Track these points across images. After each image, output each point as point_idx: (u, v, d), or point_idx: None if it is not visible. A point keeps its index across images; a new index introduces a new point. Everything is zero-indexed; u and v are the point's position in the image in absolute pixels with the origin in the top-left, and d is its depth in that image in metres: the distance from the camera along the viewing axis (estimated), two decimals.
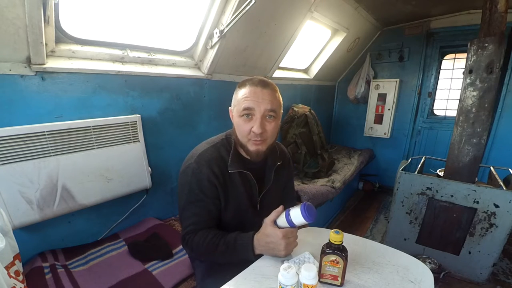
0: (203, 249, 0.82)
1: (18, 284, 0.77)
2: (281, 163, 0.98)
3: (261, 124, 0.80)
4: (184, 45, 1.67)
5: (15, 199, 1.03)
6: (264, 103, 0.80)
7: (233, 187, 0.89)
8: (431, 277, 0.74)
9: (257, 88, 0.81)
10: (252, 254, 0.77)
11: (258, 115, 0.80)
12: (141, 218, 1.56)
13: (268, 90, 0.82)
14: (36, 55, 1.03)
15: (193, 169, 0.85)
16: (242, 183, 0.90)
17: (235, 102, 0.85)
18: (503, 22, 1.42)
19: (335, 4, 2.10)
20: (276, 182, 0.97)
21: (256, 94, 0.80)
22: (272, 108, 0.82)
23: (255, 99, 0.80)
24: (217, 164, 0.86)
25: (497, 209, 1.47)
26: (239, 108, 0.82)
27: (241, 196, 0.90)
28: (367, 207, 2.91)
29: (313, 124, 2.45)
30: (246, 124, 0.82)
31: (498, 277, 1.72)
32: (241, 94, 0.83)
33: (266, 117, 0.82)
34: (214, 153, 0.87)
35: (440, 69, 2.85)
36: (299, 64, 2.83)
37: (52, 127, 1.09)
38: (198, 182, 0.84)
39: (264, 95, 0.81)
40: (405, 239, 1.84)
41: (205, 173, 0.84)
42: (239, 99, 0.83)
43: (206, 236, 0.83)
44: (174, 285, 1.10)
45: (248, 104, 0.80)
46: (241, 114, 0.82)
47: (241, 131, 0.84)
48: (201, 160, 0.85)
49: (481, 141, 1.53)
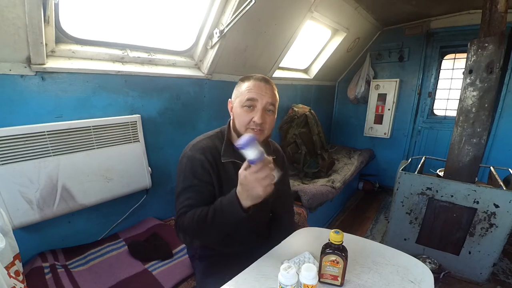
0: (195, 226, 0.79)
1: (18, 284, 0.77)
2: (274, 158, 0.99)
3: (262, 115, 0.86)
4: (184, 45, 1.67)
5: (15, 199, 1.03)
6: (266, 96, 0.87)
7: (226, 177, 0.91)
8: (431, 277, 0.74)
9: (261, 83, 0.88)
10: (239, 208, 0.73)
11: (259, 107, 0.86)
12: (141, 218, 1.56)
13: (270, 86, 0.89)
14: (36, 55, 1.03)
15: (188, 157, 0.89)
16: (236, 173, 0.89)
17: (237, 94, 0.91)
18: (503, 22, 1.42)
19: (335, 4, 2.10)
20: None
21: (260, 87, 0.87)
22: (272, 102, 0.89)
23: (258, 92, 0.86)
24: (211, 153, 0.90)
25: (497, 209, 1.47)
26: (242, 98, 0.87)
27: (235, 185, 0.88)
28: (367, 207, 2.91)
29: (313, 124, 2.45)
30: (247, 114, 0.87)
31: (498, 277, 1.72)
32: (244, 86, 0.88)
33: (266, 110, 0.88)
34: (208, 143, 0.92)
35: (440, 69, 2.85)
36: (299, 64, 2.83)
37: (52, 127, 1.09)
38: (192, 168, 0.88)
39: (267, 90, 0.88)
40: (405, 239, 1.84)
41: (198, 159, 0.87)
42: (242, 91, 0.88)
43: (195, 213, 0.80)
44: (174, 285, 1.10)
45: (252, 95, 0.86)
46: (244, 104, 0.86)
47: (242, 120, 0.88)
48: (195, 148, 0.90)
49: (481, 141, 1.53)
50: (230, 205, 0.75)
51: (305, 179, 2.37)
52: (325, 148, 2.53)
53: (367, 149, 3.33)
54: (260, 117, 0.85)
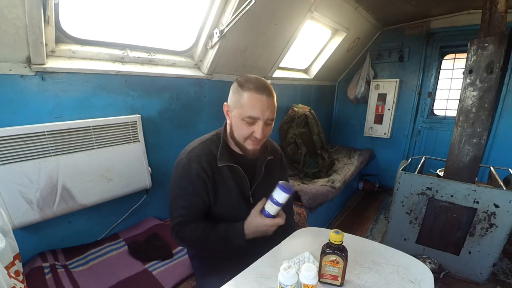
0: (195, 240, 0.88)
1: (18, 284, 0.77)
2: (272, 158, 1.01)
3: (263, 130, 0.84)
4: (184, 45, 1.67)
5: (15, 199, 1.03)
6: (267, 112, 0.84)
7: (223, 181, 0.91)
8: (431, 277, 0.74)
9: (263, 97, 0.82)
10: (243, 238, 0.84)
11: (261, 123, 0.84)
12: (141, 218, 1.56)
13: (271, 99, 0.85)
14: (36, 55, 1.03)
15: (183, 164, 0.89)
16: (232, 177, 0.92)
17: (236, 103, 0.85)
18: (503, 22, 1.41)
19: (335, 4, 2.10)
20: (267, 176, 0.98)
21: (262, 103, 0.82)
22: (273, 117, 0.87)
23: (261, 108, 0.82)
24: (207, 159, 0.89)
25: (497, 209, 1.47)
26: (243, 113, 0.83)
27: (232, 189, 0.93)
28: (367, 207, 2.91)
29: (313, 124, 2.45)
30: (247, 127, 0.85)
31: (498, 277, 1.72)
32: (246, 98, 0.82)
33: (267, 124, 0.87)
34: (204, 149, 0.91)
35: (440, 69, 2.85)
36: (299, 64, 2.82)
37: (52, 127, 1.09)
38: (187, 176, 0.88)
39: (269, 104, 0.84)
40: (405, 239, 1.84)
41: (194, 168, 0.87)
42: (243, 104, 0.83)
43: (197, 229, 0.87)
44: (174, 285, 1.10)
45: (255, 113, 0.82)
46: (245, 119, 0.84)
47: (242, 133, 0.86)
48: (191, 156, 0.89)
49: (481, 141, 1.53)
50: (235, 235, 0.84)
51: (305, 179, 2.37)
52: (325, 148, 2.52)
53: (367, 149, 3.33)
54: (262, 133, 0.84)
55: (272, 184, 1.04)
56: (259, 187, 0.97)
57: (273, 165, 1.03)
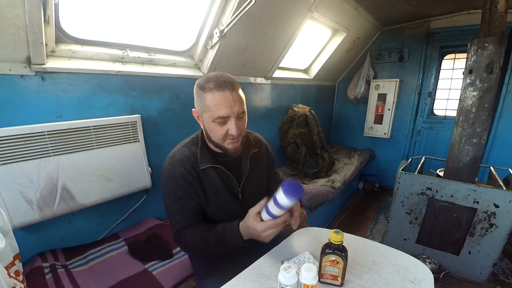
0: (196, 244, 0.87)
1: (18, 284, 0.77)
2: (256, 151, 0.99)
3: (236, 126, 0.82)
4: (184, 45, 1.67)
5: (15, 199, 1.03)
6: (236, 106, 0.81)
7: (209, 182, 0.91)
8: (431, 277, 0.74)
9: (226, 93, 0.79)
10: (241, 240, 0.81)
11: (233, 119, 0.81)
12: (141, 218, 1.56)
13: (236, 92, 0.81)
14: (36, 55, 1.03)
15: (168, 171, 0.88)
16: (218, 176, 0.92)
17: (203, 107, 0.82)
18: (503, 22, 1.42)
19: (335, 4, 2.10)
20: (254, 170, 0.97)
21: (227, 99, 0.79)
22: (243, 109, 0.84)
23: (228, 106, 0.79)
24: (189, 162, 0.88)
25: (497, 209, 1.48)
26: (212, 115, 0.80)
27: (220, 189, 0.92)
28: (367, 207, 2.91)
29: (313, 124, 2.45)
30: (220, 128, 0.82)
31: (498, 277, 1.72)
32: (210, 100, 0.79)
33: (239, 118, 0.84)
34: (185, 152, 0.90)
35: (440, 69, 2.85)
36: (299, 64, 2.82)
37: (52, 127, 1.09)
38: (174, 181, 0.87)
39: (235, 98, 0.80)
40: (405, 239, 1.84)
41: (178, 172, 0.86)
42: (209, 106, 0.80)
43: (196, 233, 0.86)
44: (174, 285, 1.10)
45: (223, 112, 0.79)
46: (215, 120, 0.81)
47: (217, 134, 0.84)
48: (173, 161, 0.88)
49: (481, 141, 1.53)
50: (232, 237, 0.82)
51: (305, 179, 2.37)
52: (325, 148, 2.53)
53: (367, 149, 3.33)
54: (236, 129, 0.81)
55: (261, 177, 1.04)
56: (247, 182, 0.96)
57: (259, 157, 1.02)
